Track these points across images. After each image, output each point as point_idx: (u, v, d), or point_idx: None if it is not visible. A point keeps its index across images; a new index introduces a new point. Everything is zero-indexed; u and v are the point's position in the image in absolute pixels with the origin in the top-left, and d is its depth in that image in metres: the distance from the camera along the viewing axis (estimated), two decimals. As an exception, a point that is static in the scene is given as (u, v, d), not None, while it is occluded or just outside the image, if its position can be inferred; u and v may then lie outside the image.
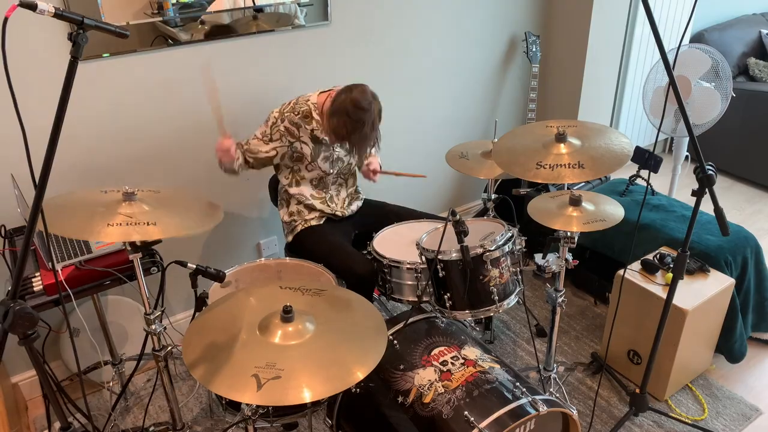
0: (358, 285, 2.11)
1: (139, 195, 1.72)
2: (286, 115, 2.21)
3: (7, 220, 2.18)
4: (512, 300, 1.95)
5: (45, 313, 1.81)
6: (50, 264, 1.88)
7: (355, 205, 2.49)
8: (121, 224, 1.57)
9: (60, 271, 1.87)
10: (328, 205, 2.39)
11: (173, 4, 2.23)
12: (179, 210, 1.72)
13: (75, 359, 1.60)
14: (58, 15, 1.16)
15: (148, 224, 1.59)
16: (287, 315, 1.44)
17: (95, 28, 1.24)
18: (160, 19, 2.22)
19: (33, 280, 1.87)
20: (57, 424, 1.47)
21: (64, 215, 1.59)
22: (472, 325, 2.37)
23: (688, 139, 3.06)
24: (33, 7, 1.11)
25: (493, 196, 2.64)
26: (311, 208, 2.36)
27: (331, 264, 2.16)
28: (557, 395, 2.28)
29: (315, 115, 2.21)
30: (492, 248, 1.85)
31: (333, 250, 2.24)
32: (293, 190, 2.33)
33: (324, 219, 2.39)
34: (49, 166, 1.18)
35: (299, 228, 2.37)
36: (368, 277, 2.13)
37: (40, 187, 1.17)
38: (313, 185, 2.34)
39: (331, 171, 2.34)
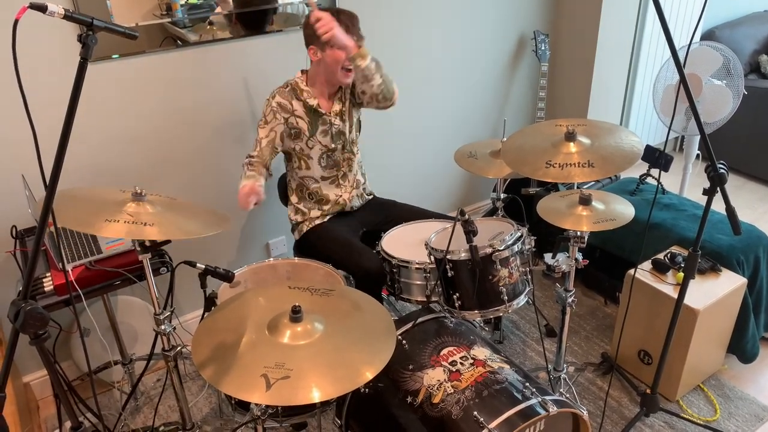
0: (367, 281, 2.11)
1: (150, 198, 1.73)
2: (276, 92, 2.25)
3: (17, 220, 2.19)
4: (522, 300, 1.94)
5: (55, 313, 1.82)
6: (61, 264, 1.89)
7: (356, 202, 2.48)
8: (126, 222, 1.58)
9: (70, 272, 1.88)
10: (339, 185, 2.38)
11: (182, 5, 2.24)
12: (185, 214, 1.72)
13: (86, 359, 1.61)
14: (67, 16, 1.16)
15: (150, 225, 1.60)
16: (296, 315, 1.44)
17: (105, 29, 1.24)
18: (169, 20, 2.23)
19: (44, 280, 1.89)
20: (68, 424, 1.48)
21: (71, 208, 1.60)
22: (481, 325, 2.36)
23: (699, 137, 3.03)
24: (43, 9, 1.11)
25: (502, 196, 2.63)
26: (315, 199, 2.37)
27: (340, 260, 2.16)
28: (567, 396, 2.27)
29: (303, 86, 2.24)
30: (501, 248, 1.84)
31: (341, 246, 2.24)
32: (303, 173, 2.34)
33: (328, 217, 2.39)
34: (60, 167, 1.18)
35: (305, 228, 2.38)
36: (377, 273, 2.12)
37: (51, 188, 1.18)
38: (322, 165, 2.34)
39: (334, 145, 2.33)
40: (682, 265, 2.33)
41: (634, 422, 2.24)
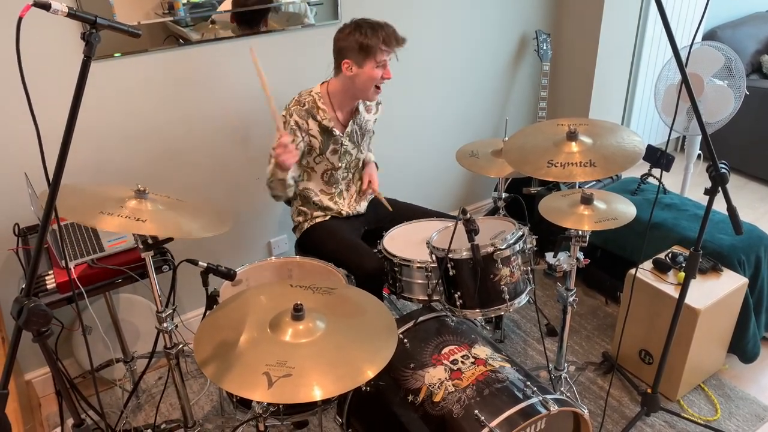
0: (367, 282, 2.11)
1: (152, 197, 1.73)
2: (293, 109, 2.22)
3: (20, 218, 2.20)
4: (523, 299, 1.94)
5: (58, 310, 1.82)
6: (63, 262, 1.89)
7: (363, 206, 2.49)
8: (122, 216, 1.57)
9: (73, 269, 1.88)
10: (336, 202, 2.39)
11: (184, 4, 2.24)
12: (186, 214, 1.72)
13: (88, 357, 1.61)
14: (71, 15, 1.16)
15: (144, 220, 1.59)
16: (298, 313, 1.44)
17: (108, 27, 1.24)
18: (171, 18, 2.24)
19: (46, 278, 1.89)
20: (70, 421, 1.49)
21: (71, 198, 1.60)
22: (482, 324, 2.36)
23: (700, 137, 3.03)
24: (47, 7, 1.11)
25: (504, 195, 2.63)
26: (318, 206, 2.37)
27: (340, 260, 2.16)
28: (568, 395, 2.27)
29: (320, 104, 2.23)
30: (503, 247, 1.84)
31: (342, 246, 2.24)
32: (304, 184, 2.34)
33: (329, 217, 2.40)
34: (63, 166, 1.18)
35: (306, 225, 2.38)
36: (377, 274, 2.13)
37: (54, 186, 1.18)
38: (324, 180, 2.35)
39: (340, 165, 2.34)
40: (683, 265, 2.33)
41: (634, 422, 2.24)
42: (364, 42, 2.11)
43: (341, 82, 2.22)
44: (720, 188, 1.68)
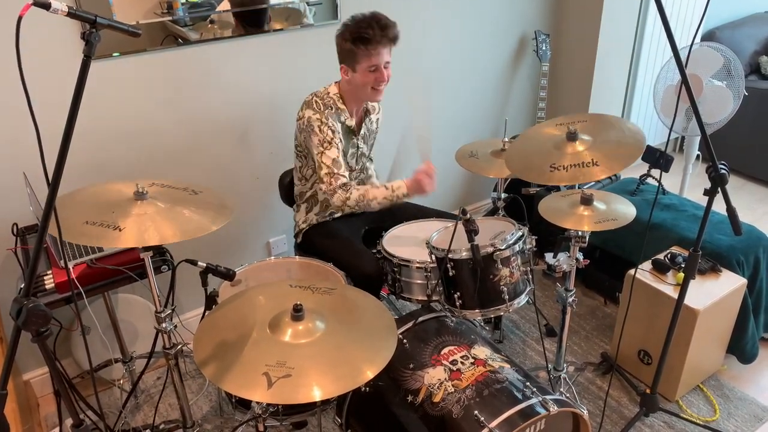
0: (365, 284, 2.11)
1: (152, 191, 1.72)
2: (325, 113, 2.16)
3: (19, 218, 2.19)
4: (522, 299, 1.94)
5: (56, 311, 1.81)
6: (62, 262, 1.89)
7: None
8: (131, 228, 1.56)
9: (72, 269, 1.88)
10: None
11: (182, 4, 2.24)
12: (188, 207, 1.72)
13: (87, 357, 1.61)
14: (71, 14, 1.16)
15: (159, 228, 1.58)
16: (297, 313, 1.44)
17: (108, 27, 1.24)
18: (170, 18, 2.23)
19: (45, 278, 1.89)
20: (68, 421, 1.48)
21: (76, 220, 1.59)
22: (482, 324, 2.36)
23: (699, 138, 3.03)
24: (47, 6, 1.11)
25: (503, 195, 2.63)
26: (331, 212, 2.37)
27: (339, 261, 2.16)
28: (567, 395, 2.27)
29: (340, 105, 2.21)
30: (502, 247, 1.84)
31: (341, 247, 2.24)
32: (321, 194, 2.32)
33: (330, 217, 2.39)
34: (62, 165, 1.18)
35: (306, 227, 2.38)
36: (375, 277, 2.12)
37: (53, 186, 1.18)
38: None
39: (356, 167, 2.36)
40: (683, 266, 2.33)
41: (633, 422, 2.24)
42: (348, 47, 2.07)
43: (345, 86, 2.21)
44: (719, 189, 1.68)
